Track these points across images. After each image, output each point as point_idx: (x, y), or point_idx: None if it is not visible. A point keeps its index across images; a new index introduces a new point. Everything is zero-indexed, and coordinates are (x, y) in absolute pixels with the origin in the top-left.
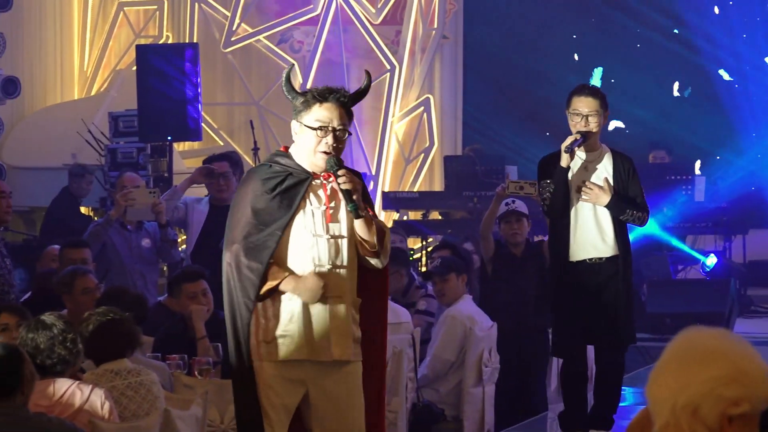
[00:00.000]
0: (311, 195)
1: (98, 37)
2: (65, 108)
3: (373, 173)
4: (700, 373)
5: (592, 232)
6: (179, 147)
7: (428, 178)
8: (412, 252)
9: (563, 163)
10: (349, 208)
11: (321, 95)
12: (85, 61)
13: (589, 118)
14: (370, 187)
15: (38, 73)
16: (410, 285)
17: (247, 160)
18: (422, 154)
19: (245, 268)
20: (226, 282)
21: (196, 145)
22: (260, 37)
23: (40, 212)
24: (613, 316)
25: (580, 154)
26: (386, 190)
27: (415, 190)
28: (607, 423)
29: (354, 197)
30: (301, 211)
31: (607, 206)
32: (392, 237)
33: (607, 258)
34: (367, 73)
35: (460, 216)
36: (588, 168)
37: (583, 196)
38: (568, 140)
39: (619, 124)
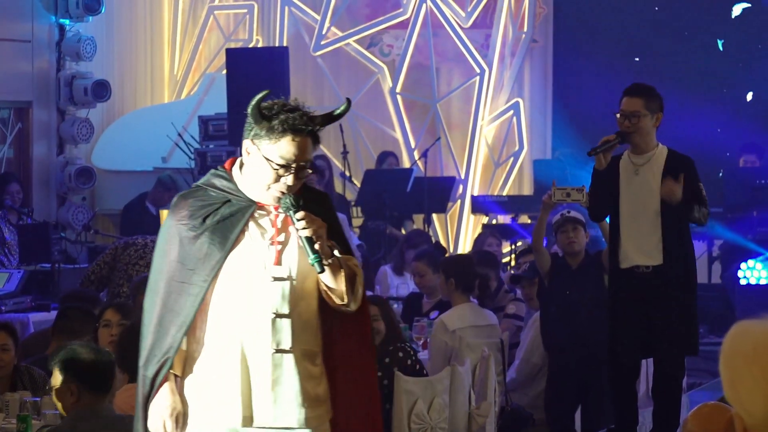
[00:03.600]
0: (252, 227)
1: (188, 40)
2: (155, 111)
3: (463, 177)
4: None
5: (642, 239)
6: None
7: (517, 182)
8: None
9: (597, 165)
10: (310, 261)
11: (292, 128)
12: (175, 64)
13: (631, 120)
14: (459, 191)
15: (128, 76)
16: (499, 289)
17: (337, 164)
18: (511, 158)
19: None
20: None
21: None
22: (350, 40)
23: None
24: (670, 326)
25: (634, 159)
26: (475, 193)
27: (504, 194)
28: None
29: (317, 245)
30: (238, 248)
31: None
32: (488, 240)
33: (658, 266)
34: (348, 100)
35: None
36: (639, 172)
37: (630, 189)
38: (600, 142)
39: None
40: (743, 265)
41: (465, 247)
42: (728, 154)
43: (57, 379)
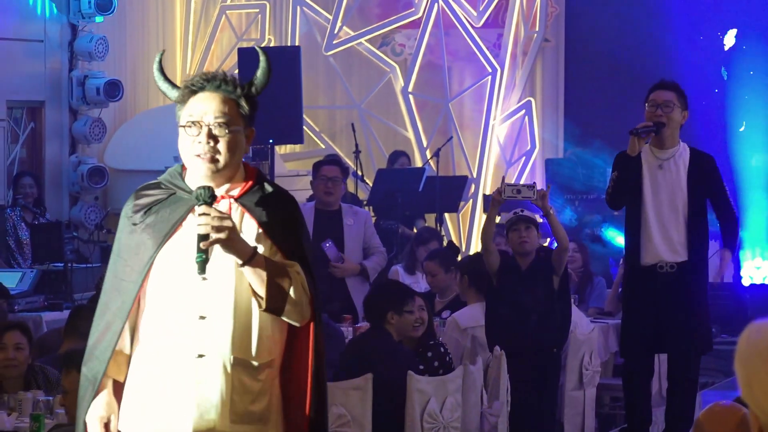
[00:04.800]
0: (190, 221)
1: (200, 40)
2: (167, 111)
3: (475, 176)
4: None
5: (663, 236)
6: (281, 150)
7: (529, 181)
8: None
9: (630, 149)
10: (196, 259)
11: (195, 84)
12: (187, 64)
13: (663, 109)
14: (471, 190)
15: (141, 76)
16: None
17: (349, 163)
18: (523, 157)
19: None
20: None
21: (297, 148)
22: (362, 40)
23: None
24: (686, 324)
25: (658, 154)
26: (487, 193)
27: None
28: None
29: (206, 243)
30: (172, 242)
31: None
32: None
33: (678, 264)
34: (262, 51)
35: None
36: (663, 166)
37: (653, 184)
38: (640, 125)
39: None
40: (746, 265)
41: (477, 246)
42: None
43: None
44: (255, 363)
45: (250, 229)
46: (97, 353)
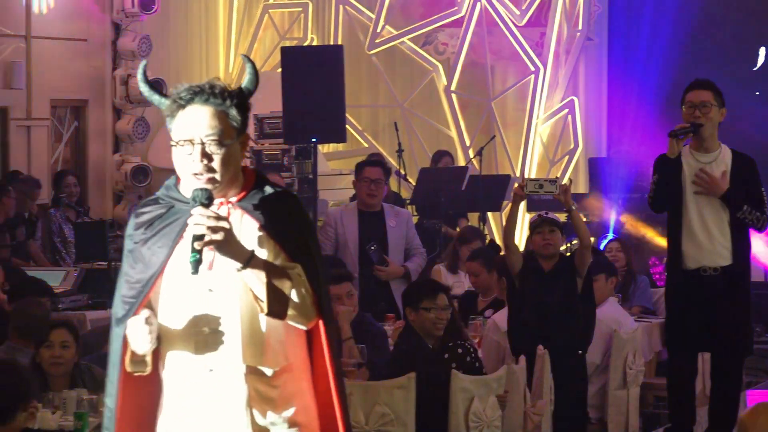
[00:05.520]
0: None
1: (243, 39)
2: None
3: (518, 175)
4: None
5: (708, 241)
6: (324, 149)
7: (572, 180)
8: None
9: (669, 152)
10: (189, 259)
11: (182, 97)
12: (230, 63)
13: (701, 110)
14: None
15: (184, 75)
16: None
17: (392, 162)
18: (566, 156)
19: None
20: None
21: (340, 146)
22: (404, 39)
23: None
24: (730, 327)
25: (699, 157)
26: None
27: None
28: None
29: (200, 243)
30: (176, 254)
31: (722, 198)
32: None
33: (722, 268)
34: (248, 59)
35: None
36: (705, 169)
37: (695, 188)
38: (678, 127)
39: None
40: None
41: (520, 245)
42: None
43: None
44: (268, 370)
45: (251, 232)
46: (109, 381)
